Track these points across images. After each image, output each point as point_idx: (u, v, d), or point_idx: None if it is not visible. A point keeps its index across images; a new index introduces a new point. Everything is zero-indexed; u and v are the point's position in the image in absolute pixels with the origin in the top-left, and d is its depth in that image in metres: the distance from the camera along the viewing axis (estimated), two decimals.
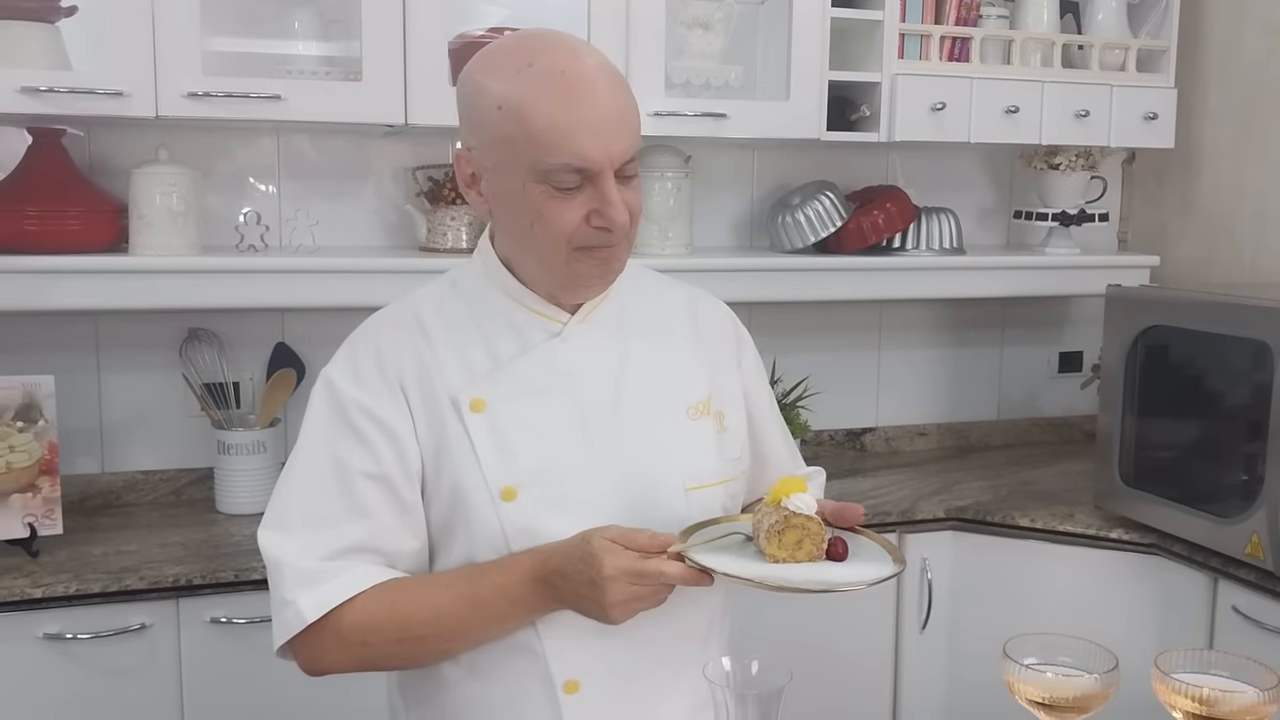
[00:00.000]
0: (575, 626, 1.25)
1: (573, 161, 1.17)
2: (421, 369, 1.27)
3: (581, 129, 1.16)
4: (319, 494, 1.25)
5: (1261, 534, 2.01)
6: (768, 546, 1.17)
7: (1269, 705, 1.14)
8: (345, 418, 1.25)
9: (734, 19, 2.50)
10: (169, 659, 2.00)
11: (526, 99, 1.17)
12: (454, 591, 1.23)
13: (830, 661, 2.39)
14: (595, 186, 1.18)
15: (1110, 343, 2.35)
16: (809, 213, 2.61)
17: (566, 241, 1.21)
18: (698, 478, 1.32)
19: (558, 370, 1.28)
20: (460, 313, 1.31)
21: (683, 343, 1.38)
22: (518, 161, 1.19)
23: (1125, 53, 2.72)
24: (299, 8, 2.32)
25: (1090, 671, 1.17)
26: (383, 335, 1.30)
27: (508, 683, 1.27)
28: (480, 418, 1.25)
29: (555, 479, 1.26)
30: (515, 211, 1.23)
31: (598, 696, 1.27)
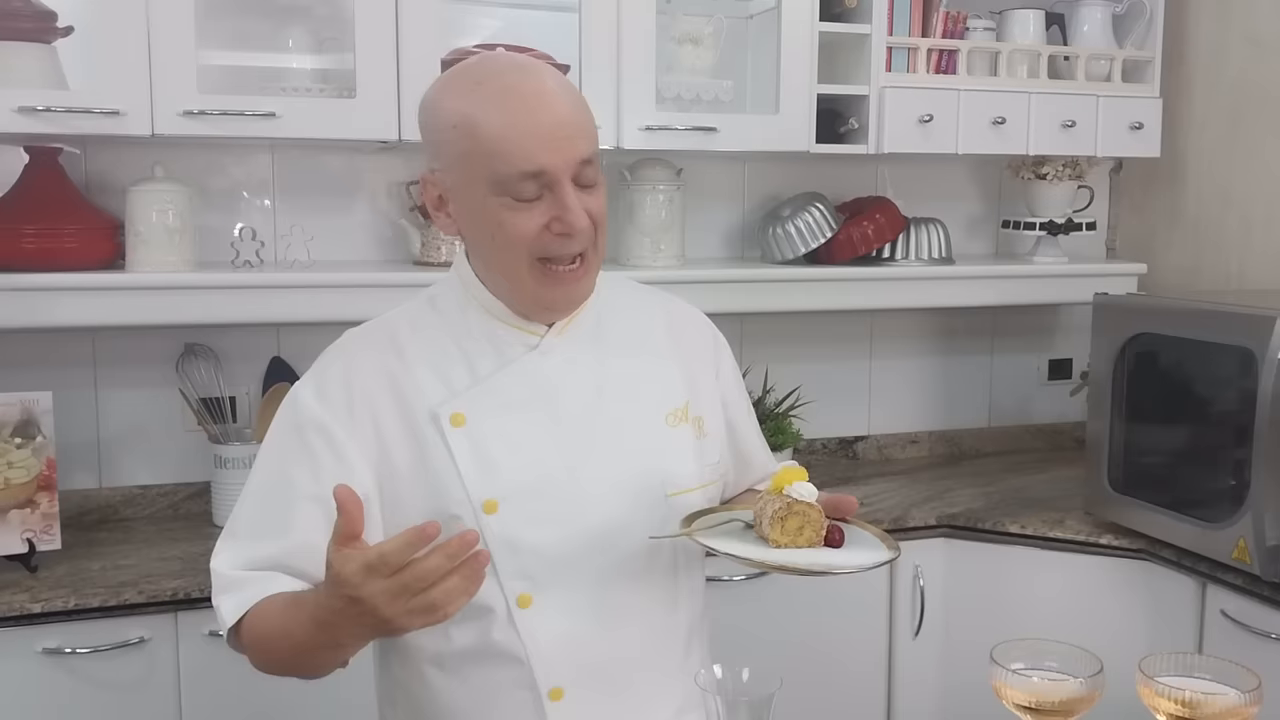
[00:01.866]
0: (560, 634, 1.28)
1: (527, 168, 1.19)
2: (395, 387, 1.29)
3: (533, 136, 1.19)
4: (260, 507, 1.29)
5: (1248, 538, 2.03)
6: (771, 531, 1.21)
7: (1251, 707, 1.16)
8: (301, 435, 1.27)
9: (723, 34, 2.53)
10: (168, 673, 2.02)
11: (478, 113, 1.20)
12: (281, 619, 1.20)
13: (824, 668, 2.41)
14: (553, 194, 1.21)
15: (1098, 350, 2.38)
16: (799, 224, 2.64)
17: (527, 251, 1.23)
18: (678, 483, 1.34)
19: (536, 383, 1.30)
20: (438, 329, 1.32)
21: (660, 351, 1.40)
22: (476, 175, 1.22)
23: (1111, 63, 2.75)
24: (292, 25, 2.35)
25: (1076, 676, 1.19)
26: (354, 354, 1.32)
27: (493, 691, 1.29)
28: (460, 432, 1.27)
29: (536, 491, 1.28)
30: (478, 226, 1.26)
31: (582, 703, 1.29)
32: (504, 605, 1.27)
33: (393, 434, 1.28)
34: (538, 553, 1.27)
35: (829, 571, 1.20)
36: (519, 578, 1.27)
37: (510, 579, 1.27)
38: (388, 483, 1.28)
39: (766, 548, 1.22)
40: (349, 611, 1.06)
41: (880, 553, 1.23)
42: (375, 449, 1.28)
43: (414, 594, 1.03)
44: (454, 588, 1.04)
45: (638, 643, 1.32)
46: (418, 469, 1.27)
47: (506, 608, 1.27)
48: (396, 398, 1.28)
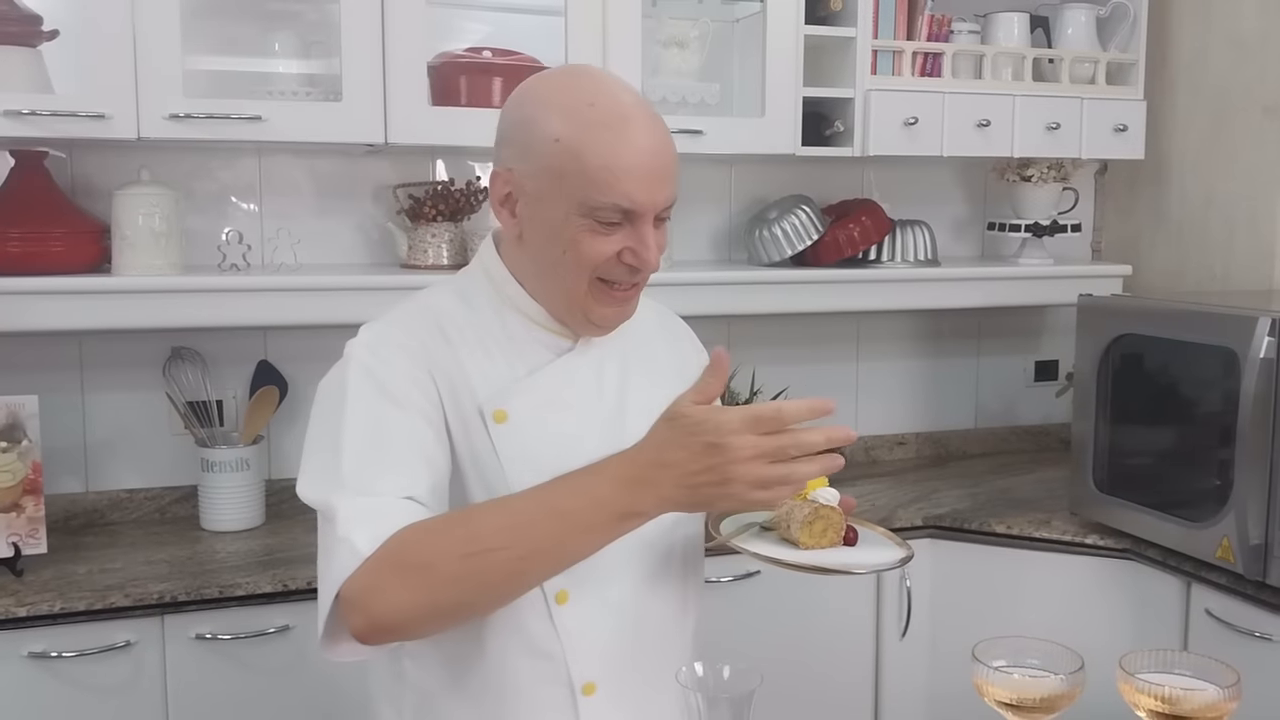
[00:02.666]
0: (595, 628, 1.29)
1: (621, 203, 1.21)
2: (446, 373, 1.29)
3: (633, 174, 1.21)
4: (367, 450, 1.21)
5: (1232, 537, 2.05)
6: (800, 535, 1.27)
7: (1230, 703, 1.17)
8: (383, 390, 1.24)
9: (709, 37, 2.54)
10: (154, 676, 2.01)
11: (586, 138, 1.21)
12: (533, 500, 1.14)
13: (812, 669, 2.42)
14: (634, 226, 1.23)
15: (1083, 351, 2.39)
16: (786, 227, 2.65)
17: (593, 271, 1.25)
18: None
19: (572, 383, 1.33)
20: (476, 326, 1.33)
21: (663, 356, 1.44)
22: (566, 194, 1.22)
23: (1095, 66, 2.76)
24: (279, 28, 2.35)
25: (1057, 673, 1.20)
26: (412, 335, 1.30)
27: (526, 685, 1.30)
28: (504, 428, 1.28)
29: None
30: (550, 238, 1.26)
31: (613, 698, 1.31)
32: (542, 600, 1.28)
33: (451, 414, 1.28)
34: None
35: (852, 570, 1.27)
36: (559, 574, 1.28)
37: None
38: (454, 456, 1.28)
39: (798, 550, 1.28)
40: (692, 464, 1.05)
41: (893, 550, 1.32)
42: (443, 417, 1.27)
43: (773, 461, 1.04)
44: (810, 470, 1.06)
45: (657, 639, 1.35)
46: (466, 460, 1.28)
47: (545, 603, 1.28)
48: (448, 384, 1.29)
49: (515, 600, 1.17)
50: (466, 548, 1.11)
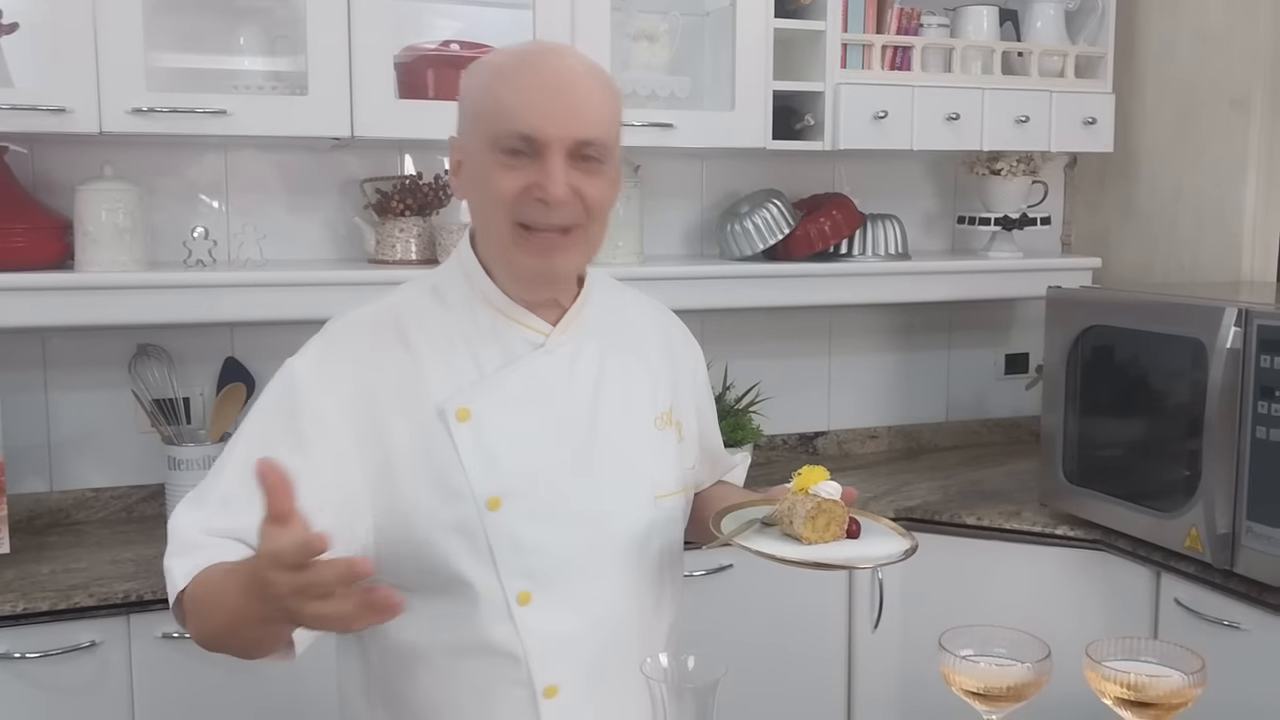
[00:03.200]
0: (557, 632, 1.28)
1: (522, 129, 1.21)
2: (400, 379, 1.27)
3: (534, 103, 1.21)
4: (238, 479, 1.22)
5: (1200, 527, 2.06)
6: (805, 530, 1.26)
7: (1194, 689, 1.18)
8: (294, 416, 1.25)
9: (679, 31, 2.53)
10: (120, 676, 1.99)
11: (500, 79, 1.24)
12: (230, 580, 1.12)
13: (786, 662, 2.42)
14: (542, 160, 1.21)
15: (1052, 343, 2.40)
16: (757, 221, 2.65)
17: (508, 212, 1.23)
18: (665, 486, 1.36)
19: (540, 381, 1.30)
20: (444, 322, 1.32)
21: (649, 354, 1.42)
22: (482, 133, 1.24)
23: (1064, 59, 2.77)
24: (244, 24, 2.33)
25: (1024, 661, 1.20)
26: (360, 341, 1.30)
27: (487, 686, 1.28)
28: (466, 427, 1.26)
29: (540, 488, 1.28)
30: (475, 185, 1.27)
31: (575, 701, 1.29)
32: (504, 601, 1.27)
33: (394, 426, 1.26)
34: (540, 551, 1.27)
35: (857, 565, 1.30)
36: (520, 575, 1.27)
37: (511, 576, 1.26)
38: (385, 476, 1.26)
39: (802, 546, 1.27)
40: (263, 591, 1.01)
41: (899, 540, 1.32)
42: (372, 441, 1.26)
43: (311, 598, 0.97)
44: (342, 611, 0.97)
45: (627, 641, 1.32)
46: (421, 463, 1.26)
47: (506, 604, 1.27)
48: (401, 390, 1.27)
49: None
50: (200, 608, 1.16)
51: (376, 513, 1.26)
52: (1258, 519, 1.97)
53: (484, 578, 1.26)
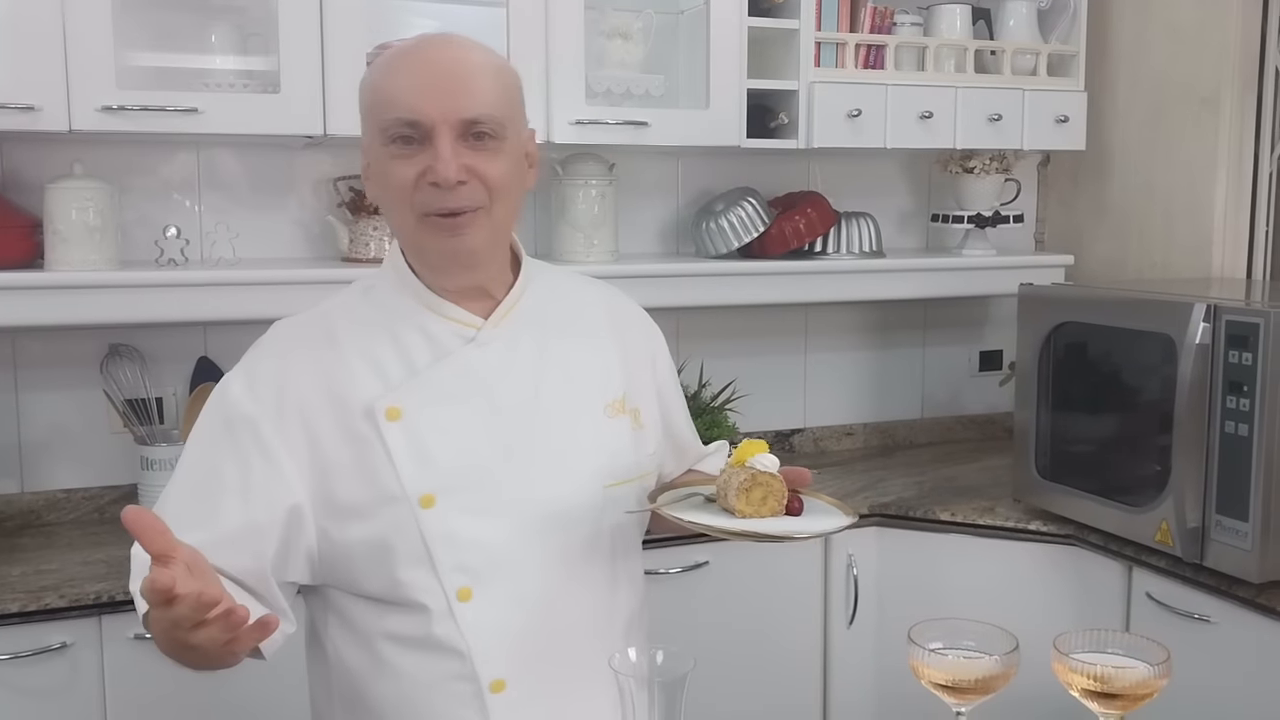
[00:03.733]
0: (500, 626, 1.27)
1: (404, 114, 1.21)
2: (330, 383, 1.27)
3: (414, 86, 1.22)
4: (184, 498, 1.27)
5: (1170, 521, 2.08)
6: (737, 502, 1.24)
7: (1160, 680, 1.19)
8: (230, 430, 1.26)
9: (653, 29, 2.53)
10: (92, 678, 1.98)
11: (377, 72, 1.26)
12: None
13: (762, 658, 2.43)
14: (432, 144, 1.22)
15: (1024, 340, 2.42)
16: (732, 219, 2.65)
17: (408, 204, 1.24)
18: (615, 475, 1.35)
19: (474, 375, 1.30)
20: (373, 321, 1.32)
21: (600, 341, 1.40)
22: (371, 131, 1.25)
23: (1036, 58, 2.79)
24: (216, 22, 2.31)
25: (992, 654, 1.21)
26: (287, 349, 1.30)
27: (434, 683, 1.28)
28: (396, 426, 1.26)
29: (474, 484, 1.27)
30: (378, 183, 1.28)
31: (523, 695, 1.29)
32: (443, 600, 1.26)
33: (326, 431, 1.27)
34: (477, 546, 1.27)
35: (792, 537, 1.24)
36: (458, 571, 1.26)
37: (449, 573, 1.26)
38: (320, 482, 1.27)
39: (731, 518, 1.25)
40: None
41: (838, 518, 1.29)
42: (305, 448, 1.26)
43: (185, 629, 1.02)
44: (213, 636, 1.02)
45: (578, 634, 1.32)
46: (355, 464, 1.26)
47: (446, 602, 1.26)
48: (331, 393, 1.27)
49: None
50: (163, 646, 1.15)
51: (317, 517, 1.27)
52: (1226, 513, 1.99)
53: (422, 577, 1.26)
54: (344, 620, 1.32)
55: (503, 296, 1.34)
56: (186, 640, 1.04)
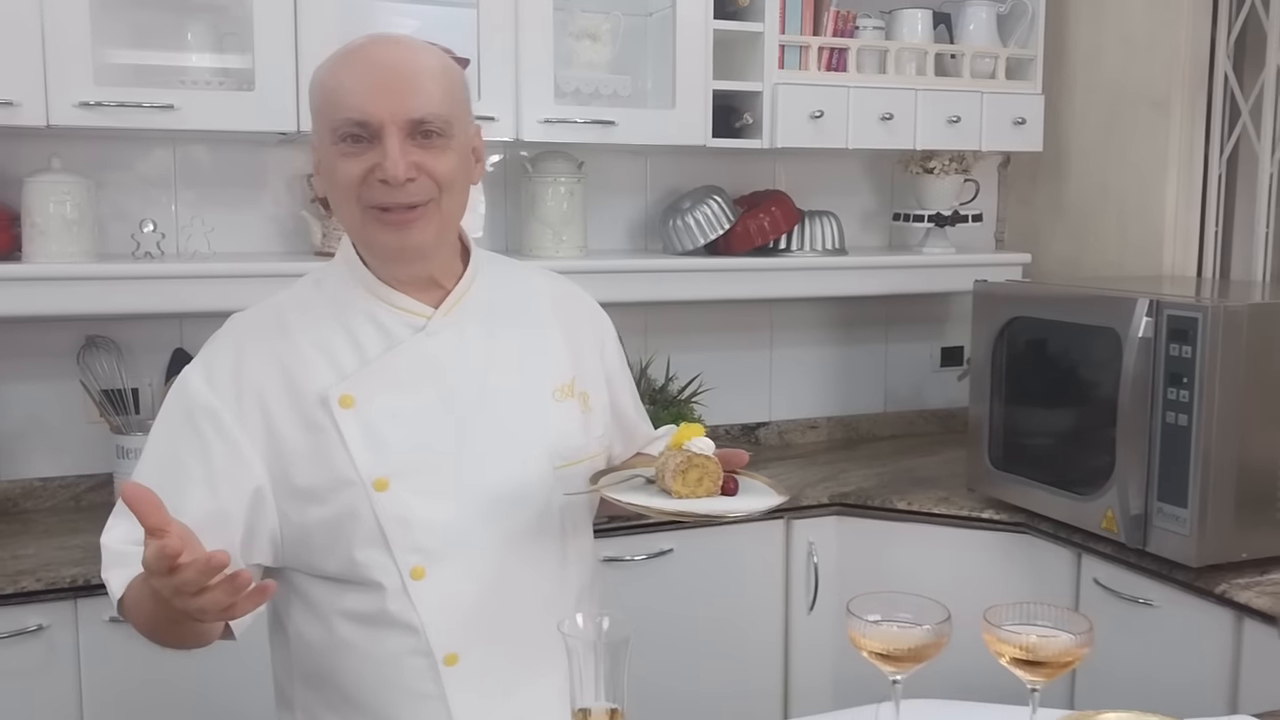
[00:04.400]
0: (453, 603, 1.33)
1: (352, 115, 1.27)
2: (284, 372, 1.33)
3: (362, 87, 1.27)
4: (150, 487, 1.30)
5: (1115, 509, 2.15)
6: (673, 483, 1.30)
7: (1082, 648, 1.26)
8: (191, 420, 1.32)
9: (621, 31, 2.60)
10: (67, 659, 2.02)
11: (326, 73, 1.31)
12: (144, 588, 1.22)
13: (725, 643, 2.49)
14: (380, 143, 1.27)
15: (978, 335, 2.49)
16: (699, 216, 2.72)
17: (356, 200, 1.29)
18: (565, 456, 1.41)
19: (425, 363, 1.35)
20: (326, 312, 1.37)
21: (547, 329, 1.46)
22: (322, 128, 1.31)
23: (995, 61, 2.87)
24: (192, 20, 2.36)
25: (925, 624, 1.28)
26: (243, 341, 1.36)
27: (391, 658, 1.34)
28: (349, 413, 1.32)
29: (427, 467, 1.33)
30: (326, 178, 1.33)
31: (477, 667, 1.35)
32: (398, 578, 1.32)
33: (283, 418, 1.32)
34: (429, 527, 1.32)
35: (725, 517, 1.31)
36: (412, 551, 1.32)
37: (403, 553, 1.32)
38: (278, 467, 1.32)
39: (668, 498, 1.30)
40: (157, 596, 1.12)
41: (771, 497, 1.34)
42: (264, 435, 1.32)
43: (188, 595, 1.07)
44: (217, 600, 1.07)
45: (529, 608, 1.38)
46: (310, 450, 1.32)
47: (401, 581, 1.32)
48: (286, 382, 1.33)
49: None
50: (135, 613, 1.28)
51: (277, 500, 1.33)
52: (1167, 500, 2.07)
53: (377, 557, 1.32)
54: (304, 600, 1.37)
55: (452, 286, 1.39)
56: (188, 606, 1.08)
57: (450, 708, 1.33)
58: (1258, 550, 2.06)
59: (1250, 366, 2.01)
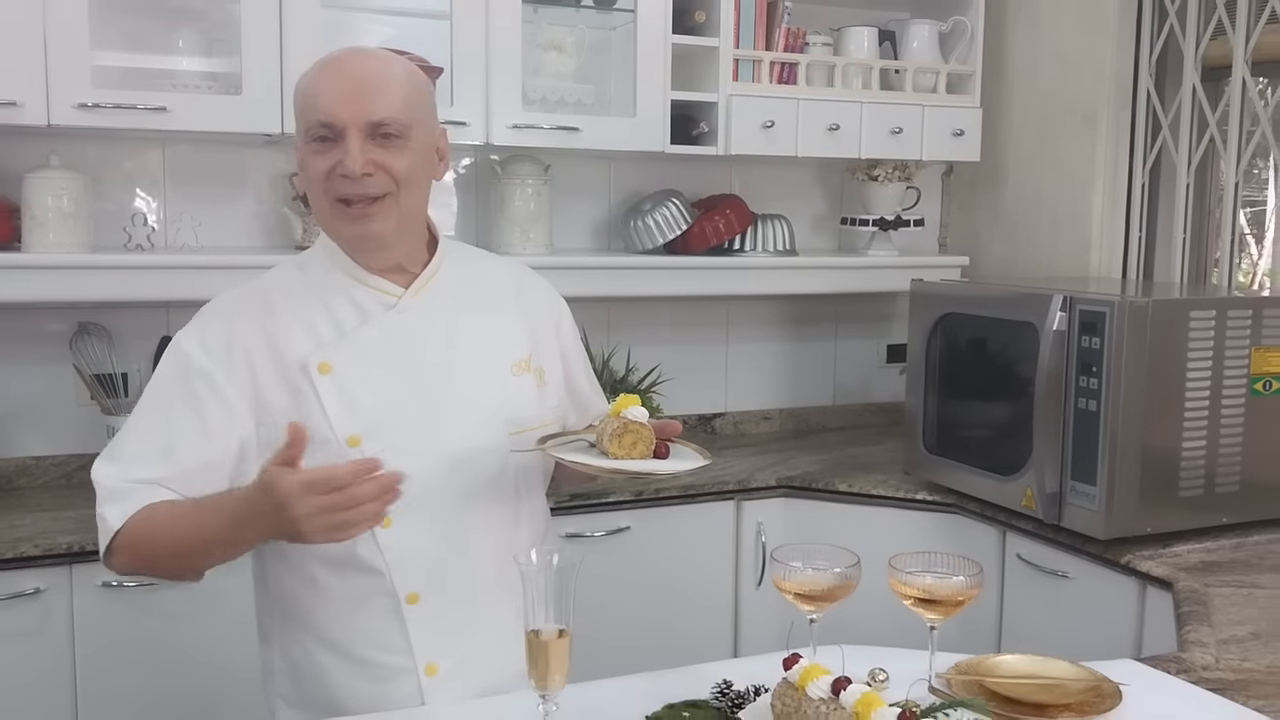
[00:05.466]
0: (416, 548, 1.50)
1: (320, 117, 1.44)
2: (270, 342, 1.50)
3: (327, 92, 1.45)
4: (145, 438, 1.48)
5: (1033, 488, 2.35)
6: (610, 446, 1.47)
7: (974, 589, 1.44)
8: (186, 380, 1.48)
9: (586, 43, 2.78)
10: (62, 622, 2.17)
11: (307, 80, 1.48)
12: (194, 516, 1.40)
13: (678, 614, 2.66)
14: (344, 142, 1.44)
15: (914, 330, 2.69)
16: (658, 218, 2.90)
17: (324, 192, 1.46)
18: (519, 423, 1.58)
19: (396, 337, 1.52)
20: (307, 292, 1.54)
21: (507, 311, 1.64)
22: (299, 129, 1.48)
23: (936, 76, 3.07)
24: (183, 27, 2.52)
25: (837, 568, 1.46)
26: (233, 311, 1.53)
27: (359, 596, 1.51)
28: (327, 378, 1.48)
29: (395, 428, 1.50)
30: (303, 176, 1.50)
31: (436, 607, 1.52)
32: None
33: (268, 382, 1.49)
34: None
35: (653, 474, 1.47)
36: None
37: None
38: (264, 425, 1.49)
39: (605, 458, 1.47)
40: (274, 516, 1.28)
41: (696, 460, 1.52)
42: (252, 395, 1.48)
43: (335, 513, 1.25)
44: (370, 512, 1.27)
45: (484, 557, 1.54)
46: (291, 411, 1.47)
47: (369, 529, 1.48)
48: (271, 350, 1.49)
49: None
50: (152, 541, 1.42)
51: (261, 457, 1.47)
52: (1079, 479, 2.27)
53: None
54: (280, 547, 1.52)
55: (420, 271, 1.56)
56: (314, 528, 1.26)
57: (411, 641, 1.50)
58: (1161, 525, 2.26)
59: (1154, 357, 2.21)
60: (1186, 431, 2.26)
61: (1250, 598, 1.98)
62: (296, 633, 1.55)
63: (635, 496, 2.60)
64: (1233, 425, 2.30)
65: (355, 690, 1.51)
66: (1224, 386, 2.28)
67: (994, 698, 1.46)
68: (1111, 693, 1.48)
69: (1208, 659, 1.70)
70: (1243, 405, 2.31)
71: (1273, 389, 2.33)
